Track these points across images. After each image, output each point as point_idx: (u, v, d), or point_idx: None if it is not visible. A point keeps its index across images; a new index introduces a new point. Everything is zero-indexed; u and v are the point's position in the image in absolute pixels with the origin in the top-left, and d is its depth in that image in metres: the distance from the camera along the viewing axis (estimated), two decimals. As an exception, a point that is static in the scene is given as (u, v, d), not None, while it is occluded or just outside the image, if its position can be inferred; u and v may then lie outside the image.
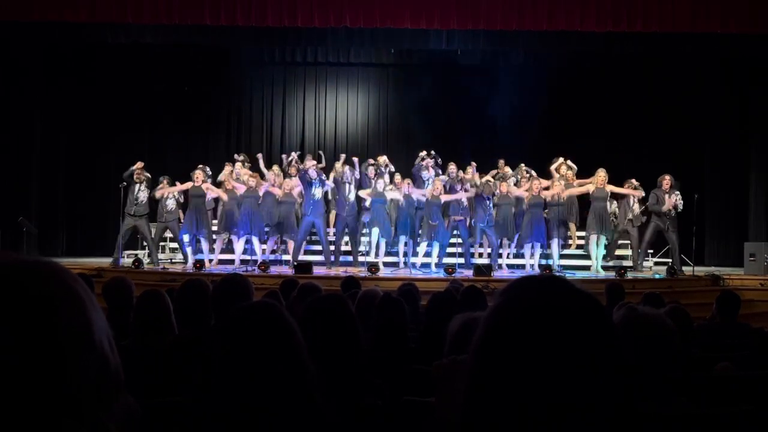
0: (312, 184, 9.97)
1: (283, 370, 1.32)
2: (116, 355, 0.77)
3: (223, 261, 10.56)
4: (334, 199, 10.26)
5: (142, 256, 10.51)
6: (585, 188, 10.23)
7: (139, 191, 10.24)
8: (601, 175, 10.06)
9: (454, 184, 10.51)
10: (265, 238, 10.28)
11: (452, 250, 10.28)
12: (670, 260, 10.36)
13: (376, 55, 13.66)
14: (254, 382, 1.29)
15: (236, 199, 10.16)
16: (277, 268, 9.99)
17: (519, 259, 10.64)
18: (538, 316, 0.83)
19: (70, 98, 12.81)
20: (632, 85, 13.24)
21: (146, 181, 10.35)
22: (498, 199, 10.21)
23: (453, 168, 10.91)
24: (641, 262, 10.21)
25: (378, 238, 10.16)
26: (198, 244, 10.37)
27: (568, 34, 10.67)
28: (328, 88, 14.44)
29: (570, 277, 9.05)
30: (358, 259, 10.30)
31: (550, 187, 10.21)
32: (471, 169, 10.70)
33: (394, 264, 10.44)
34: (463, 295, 4.11)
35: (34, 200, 12.17)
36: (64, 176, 12.93)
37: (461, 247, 10.12)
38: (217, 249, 10.48)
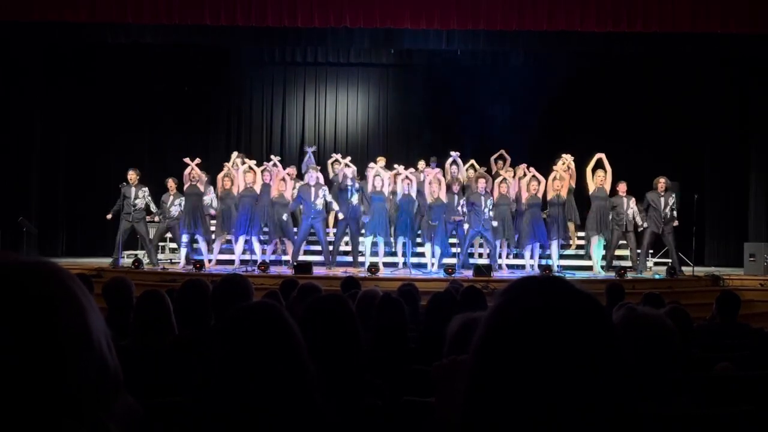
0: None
1: (283, 370, 1.32)
2: (115, 356, 0.77)
3: (223, 261, 10.56)
4: (335, 200, 10.25)
5: (141, 256, 10.51)
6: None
7: (136, 198, 10.23)
8: (601, 175, 10.04)
9: (452, 184, 10.47)
10: (264, 238, 10.26)
11: (452, 250, 10.29)
12: (670, 261, 10.34)
13: (376, 55, 13.65)
14: (254, 382, 1.29)
15: (233, 199, 10.14)
16: (276, 269, 9.99)
17: (519, 260, 10.62)
18: (538, 317, 0.83)
19: (70, 98, 12.80)
20: (632, 85, 13.23)
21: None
22: (497, 200, 10.17)
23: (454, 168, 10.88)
24: (642, 268, 10.15)
25: (370, 244, 10.13)
26: (195, 244, 10.37)
27: (568, 35, 10.66)
28: (328, 88, 14.44)
29: (570, 277, 9.05)
30: (358, 259, 10.30)
31: (548, 187, 10.09)
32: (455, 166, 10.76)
33: (393, 264, 10.44)
34: (462, 296, 4.11)
35: (34, 200, 12.17)
36: (64, 176, 12.93)
37: (459, 247, 10.10)
38: (216, 249, 10.47)
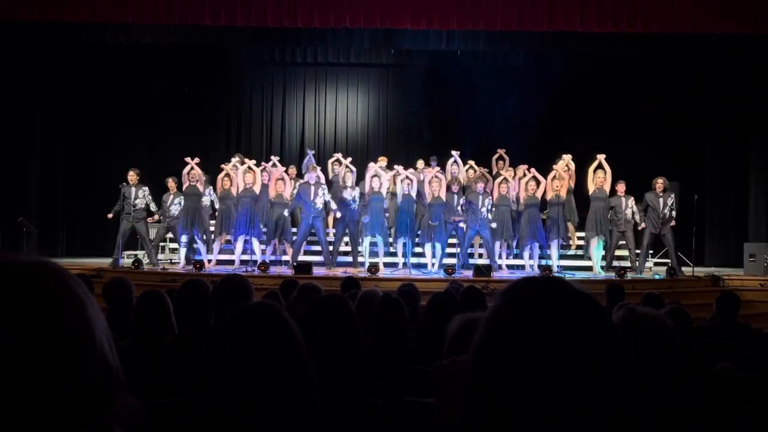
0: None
1: (283, 370, 1.32)
2: (116, 356, 0.77)
3: (223, 261, 10.56)
4: (334, 201, 10.24)
5: (141, 256, 10.51)
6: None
7: (136, 198, 10.23)
8: (600, 176, 10.03)
9: (452, 184, 10.47)
10: (263, 238, 10.26)
11: (451, 250, 10.28)
12: (670, 261, 10.34)
13: (376, 55, 13.64)
14: (254, 382, 1.29)
15: (233, 200, 10.14)
16: (276, 269, 9.99)
17: (519, 260, 10.62)
18: (538, 317, 0.83)
19: (70, 98, 12.80)
20: (632, 85, 13.23)
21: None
22: (496, 200, 10.17)
23: (454, 168, 10.88)
24: (641, 268, 10.15)
25: (369, 244, 10.12)
26: (195, 245, 10.36)
27: (568, 35, 10.66)
28: (328, 89, 14.44)
29: (570, 277, 9.04)
30: (358, 259, 10.30)
31: (547, 187, 10.08)
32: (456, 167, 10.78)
33: (393, 264, 10.44)
34: (462, 296, 4.11)
35: (34, 200, 12.16)
36: (64, 176, 12.92)
37: (459, 247, 10.10)
38: (215, 250, 10.46)
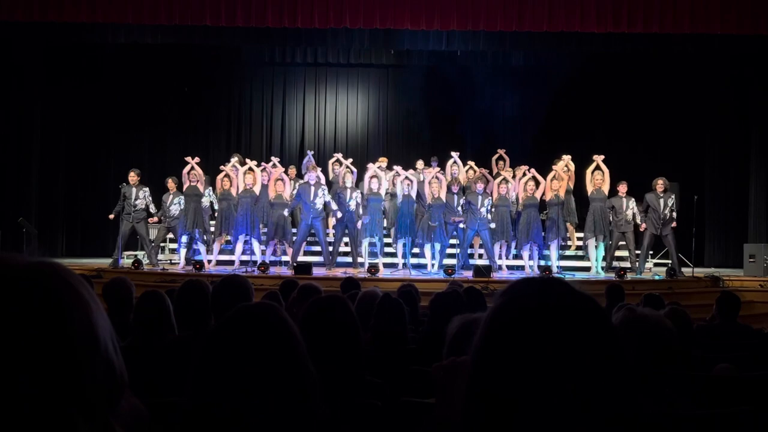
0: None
1: (283, 371, 1.32)
2: (120, 356, 0.78)
3: (223, 262, 10.55)
4: (333, 201, 10.23)
5: (141, 256, 10.51)
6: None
7: (136, 198, 10.23)
8: (598, 177, 10.02)
9: (452, 184, 10.46)
10: (263, 239, 10.25)
11: (451, 251, 10.28)
12: (670, 261, 10.33)
13: (376, 55, 13.63)
14: (254, 383, 1.29)
15: (232, 200, 10.14)
16: (276, 269, 9.99)
17: (518, 261, 10.62)
18: (537, 318, 0.84)
19: (70, 98, 12.79)
20: (632, 85, 13.23)
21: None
22: (496, 201, 10.16)
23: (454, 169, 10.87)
24: (641, 269, 10.14)
25: (367, 245, 10.12)
26: (195, 245, 10.36)
27: (568, 35, 10.66)
28: (328, 89, 14.44)
29: (569, 278, 9.05)
30: (358, 260, 10.29)
31: (546, 187, 10.07)
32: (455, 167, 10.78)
33: (393, 265, 10.44)
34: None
35: (34, 201, 12.15)
36: (64, 176, 12.91)
37: (459, 247, 10.11)
38: (215, 250, 10.46)
